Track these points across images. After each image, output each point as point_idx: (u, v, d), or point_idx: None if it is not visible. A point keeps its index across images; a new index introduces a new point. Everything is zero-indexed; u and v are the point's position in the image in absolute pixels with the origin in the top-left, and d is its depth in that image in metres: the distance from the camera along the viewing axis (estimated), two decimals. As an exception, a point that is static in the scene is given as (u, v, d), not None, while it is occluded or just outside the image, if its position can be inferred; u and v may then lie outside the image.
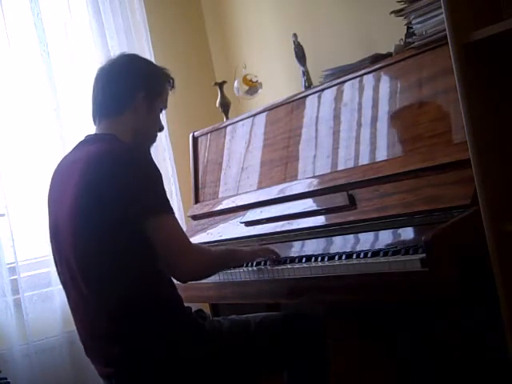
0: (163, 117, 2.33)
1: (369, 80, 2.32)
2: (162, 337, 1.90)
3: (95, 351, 1.99)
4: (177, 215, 2.01)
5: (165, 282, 1.97)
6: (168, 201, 1.93)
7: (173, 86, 2.17)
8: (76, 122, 3.20)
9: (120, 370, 1.92)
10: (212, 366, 1.95)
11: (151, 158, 1.98)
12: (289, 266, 2.14)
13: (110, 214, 1.86)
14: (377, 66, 2.31)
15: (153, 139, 2.16)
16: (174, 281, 2.01)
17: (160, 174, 1.94)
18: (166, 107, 2.18)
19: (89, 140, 2.06)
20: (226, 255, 2.15)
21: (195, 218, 2.98)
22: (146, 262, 1.91)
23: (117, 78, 2.08)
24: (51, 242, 2.07)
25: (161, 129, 2.18)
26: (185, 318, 1.97)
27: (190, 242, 1.97)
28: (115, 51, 3.29)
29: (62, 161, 2.11)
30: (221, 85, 3.17)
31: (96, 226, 1.88)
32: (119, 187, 1.86)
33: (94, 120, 2.10)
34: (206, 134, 3.08)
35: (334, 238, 2.19)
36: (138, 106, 2.06)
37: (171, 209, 1.93)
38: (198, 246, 2.11)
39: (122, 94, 2.06)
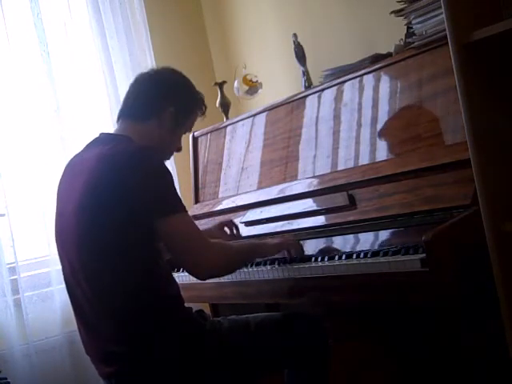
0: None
1: (369, 80, 2.32)
2: (163, 337, 1.90)
3: (96, 350, 1.99)
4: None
5: (167, 282, 1.97)
6: (180, 200, 1.93)
7: (203, 114, 2.19)
8: (76, 122, 3.21)
9: (120, 369, 1.92)
10: (212, 365, 1.95)
11: (161, 158, 2.00)
12: (289, 266, 2.14)
13: (115, 215, 1.86)
14: (377, 66, 2.31)
15: (168, 156, 2.18)
16: (176, 281, 2.01)
17: (170, 174, 1.94)
18: (190, 131, 2.23)
19: (102, 139, 2.06)
20: (249, 249, 2.14)
21: (195, 218, 2.97)
22: (148, 262, 1.91)
23: (154, 86, 2.11)
24: (56, 237, 2.07)
25: (179, 149, 2.19)
26: (185, 318, 1.97)
27: (206, 238, 1.96)
28: (115, 51, 3.30)
29: (73, 157, 2.11)
30: (221, 85, 3.17)
31: (101, 226, 1.88)
32: (127, 188, 1.86)
33: (118, 118, 2.12)
34: (206, 134, 3.07)
35: (333, 238, 2.19)
36: (164, 119, 2.07)
37: (183, 207, 1.92)
38: (217, 242, 2.06)
39: (154, 102, 2.08)
